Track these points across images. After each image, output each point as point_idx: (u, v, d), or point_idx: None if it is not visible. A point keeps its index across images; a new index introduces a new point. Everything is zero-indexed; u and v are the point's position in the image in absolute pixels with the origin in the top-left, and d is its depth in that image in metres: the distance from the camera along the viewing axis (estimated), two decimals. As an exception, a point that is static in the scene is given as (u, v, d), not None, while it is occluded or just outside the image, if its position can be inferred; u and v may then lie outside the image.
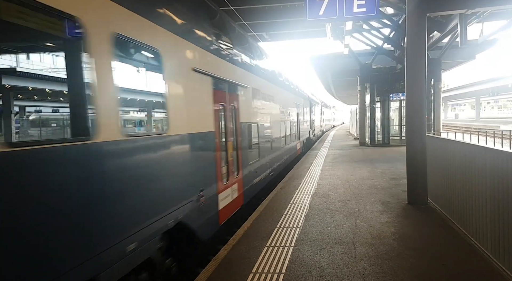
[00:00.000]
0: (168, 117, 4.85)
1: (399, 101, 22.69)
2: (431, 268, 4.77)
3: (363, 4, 7.58)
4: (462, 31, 13.57)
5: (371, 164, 14.69)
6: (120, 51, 3.95)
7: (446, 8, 8.61)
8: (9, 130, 5.63)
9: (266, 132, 11.30)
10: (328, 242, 5.87)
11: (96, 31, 3.46)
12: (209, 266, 5.17)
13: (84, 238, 3.22)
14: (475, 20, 15.16)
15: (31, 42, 3.88)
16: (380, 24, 20.06)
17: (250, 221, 7.21)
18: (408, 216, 7.18)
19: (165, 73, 4.84)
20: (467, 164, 5.66)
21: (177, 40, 5.27)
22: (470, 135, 16.69)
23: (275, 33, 25.51)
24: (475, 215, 5.45)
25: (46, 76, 7.16)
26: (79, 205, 3.18)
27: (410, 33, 8.11)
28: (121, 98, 3.85)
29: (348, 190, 9.76)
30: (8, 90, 6.41)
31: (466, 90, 68.74)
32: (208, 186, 6.17)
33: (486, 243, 5.08)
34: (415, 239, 5.87)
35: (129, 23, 4.05)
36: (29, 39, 3.59)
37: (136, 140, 4.11)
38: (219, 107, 6.94)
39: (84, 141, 3.28)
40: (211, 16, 7.16)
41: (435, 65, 20.73)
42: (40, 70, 6.88)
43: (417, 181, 8.06)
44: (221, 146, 6.96)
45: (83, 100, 3.39)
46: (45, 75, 7.16)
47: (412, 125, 8.19)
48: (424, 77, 8.08)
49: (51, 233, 2.88)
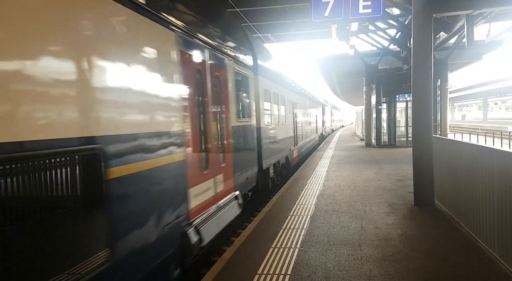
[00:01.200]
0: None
1: (406, 102, 22.57)
2: (437, 270, 4.75)
3: (368, 5, 7.58)
4: (468, 32, 13.50)
5: (377, 165, 14.63)
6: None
7: (452, 9, 8.57)
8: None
9: (306, 126, 20.50)
10: (334, 243, 5.85)
11: None
12: (215, 267, 5.18)
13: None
14: (482, 21, 15.06)
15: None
16: (386, 24, 20.00)
17: (256, 222, 7.22)
18: (414, 218, 7.14)
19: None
20: (474, 166, 5.63)
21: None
22: (477, 136, 16.60)
23: (281, 34, 25.53)
24: (482, 216, 5.41)
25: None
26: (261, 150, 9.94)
27: (416, 34, 8.08)
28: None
29: (354, 191, 9.73)
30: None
31: (473, 90, 68.25)
32: (291, 145, 14.66)
33: (493, 244, 5.04)
34: (421, 241, 5.83)
35: None
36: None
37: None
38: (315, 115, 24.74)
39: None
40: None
41: (442, 65, 20.61)
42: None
43: (423, 182, 8.02)
44: (295, 130, 16.00)
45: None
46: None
47: (418, 126, 8.15)
48: (431, 78, 8.04)
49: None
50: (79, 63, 3.01)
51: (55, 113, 2.73)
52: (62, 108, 2.79)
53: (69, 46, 2.92)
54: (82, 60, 3.04)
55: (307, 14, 18.78)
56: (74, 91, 2.94)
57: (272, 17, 20.86)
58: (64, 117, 2.80)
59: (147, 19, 4.19)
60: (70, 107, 2.88)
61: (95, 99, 3.15)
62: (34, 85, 2.56)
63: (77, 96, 2.94)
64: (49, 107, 2.66)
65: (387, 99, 22.98)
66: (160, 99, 4.32)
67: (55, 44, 2.78)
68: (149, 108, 4.06)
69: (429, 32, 7.99)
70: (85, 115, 3.03)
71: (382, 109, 23.16)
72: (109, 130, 3.32)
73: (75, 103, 2.93)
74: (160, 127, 4.30)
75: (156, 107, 4.22)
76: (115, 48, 3.53)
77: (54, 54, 2.77)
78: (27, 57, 2.52)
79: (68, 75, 2.89)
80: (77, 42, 3.00)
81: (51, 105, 2.69)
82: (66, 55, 2.88)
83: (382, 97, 22.95)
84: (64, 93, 2.82)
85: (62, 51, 2.84)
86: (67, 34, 2.91)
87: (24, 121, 2.46)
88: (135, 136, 3.74)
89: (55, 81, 2.74)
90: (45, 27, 2.70)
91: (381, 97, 22.93)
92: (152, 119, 4.12)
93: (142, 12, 4.07)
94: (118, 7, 3.64)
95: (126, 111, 3.63)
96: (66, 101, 2.84)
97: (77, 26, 3.03)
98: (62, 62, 2.84)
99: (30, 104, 2.52)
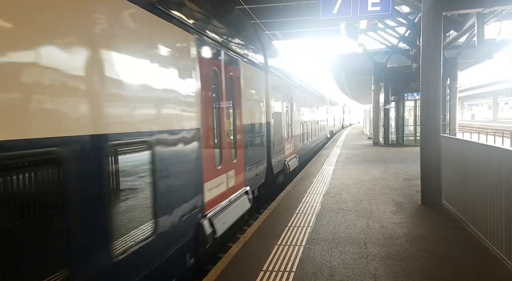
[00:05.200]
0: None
1: (414, 101, 22.41)
2: (443, 270, 4.72)
3: (377, 2, 7.50)
4: (479, 30, 13.32)
5: (385, 164, 14.56)
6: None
7: (463, 7, 8.48)
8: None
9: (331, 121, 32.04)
10: (339, 241, 5.85)
11: None
12: (220, 263, 5.22)
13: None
14: (493, 19, 14.86)
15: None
16: (395, 22, 19.81)
17: (262, 219, 7.24)
18: (421, 217, 7.10)
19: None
20: (482, 165, 5.58)
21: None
22: (486, 135, 16.41)
23: (289, 31, 25.41)
24: (489, 216, 5.37)
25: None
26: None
27: (425, 32, 8.01)
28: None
29: (360, 190, 9.70)
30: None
31: (483, 90, 67.37)
32: (318, 135, 22.87)
33: (500, 245, 4.99)
34: (428, 240, 5.80)
35: None
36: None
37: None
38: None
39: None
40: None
41: (452, 64, 20.41)
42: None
43: (431, 181, 7.96)
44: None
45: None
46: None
47: (427, 125, 8.09)
48: (440, 77, 7.97)
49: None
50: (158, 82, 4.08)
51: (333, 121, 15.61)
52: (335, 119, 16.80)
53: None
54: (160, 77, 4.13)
55: (315, 12, 18.66)
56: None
57: (280, 14, 20.78)
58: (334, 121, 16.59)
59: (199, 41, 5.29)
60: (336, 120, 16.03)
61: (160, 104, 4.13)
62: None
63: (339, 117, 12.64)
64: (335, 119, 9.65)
65: (395, 98, 22.83)
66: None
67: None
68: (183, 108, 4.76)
69: (438, 31, 7.92)
70: (336, 121, 10.76)
71: (390, 107, 23.02)
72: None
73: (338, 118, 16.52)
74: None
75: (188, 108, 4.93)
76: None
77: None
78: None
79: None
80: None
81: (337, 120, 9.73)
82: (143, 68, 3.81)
83: (391, 96, 22.81)
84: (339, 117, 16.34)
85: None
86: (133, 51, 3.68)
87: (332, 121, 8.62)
88: (171, 132, 4.39)
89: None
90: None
91: (389, 95, 22.79)
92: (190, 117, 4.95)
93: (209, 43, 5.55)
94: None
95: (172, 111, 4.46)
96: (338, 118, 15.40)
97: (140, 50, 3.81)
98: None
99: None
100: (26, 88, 2.40)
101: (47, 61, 2.54)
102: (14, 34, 2.34)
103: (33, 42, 2.48)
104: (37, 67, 2.48)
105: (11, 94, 2.31)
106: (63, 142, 2.65)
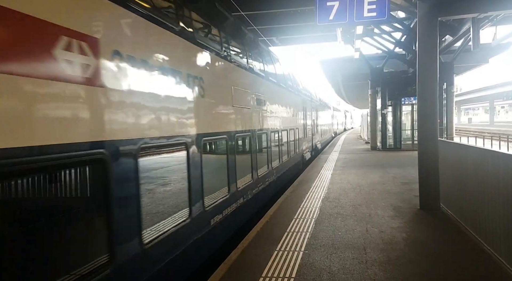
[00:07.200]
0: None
1: (411, 105, 22.50)
2: (443, 274, 4.72)
3: (373, 8, 7.56)
4: (474, 35, 13.42)
5: (383, 168, 14.58)
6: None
7: (458, 12, 8.55)
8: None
9: (335, 125, 44.80)
10: (338, 247, 5.84)
11: None
12: (219, 269, 5.20)
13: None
14: (488, 24, 14.98)
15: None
16: (391, 28, 19.95)
17: (261, 225, 7.22)
18: (420, 222, 7.11)
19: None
20: (480, 169, 5.60)
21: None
22: (483, 139, 16.47)
23: (286, 37, 25.55)
24: (488, 220, 5.38)
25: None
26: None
27: (421, 37, 8.08)
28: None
29: (359, 194, 9.70)
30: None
31: (480, 94, 67.76)
32: (333, 132, 41.16)
33: (499, 249, 5.00)
34: (427, 245, 5.81)
35: None
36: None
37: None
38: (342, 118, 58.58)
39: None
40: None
41: (448, 69, 20.53)
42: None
43: (429, 186, 7.98)
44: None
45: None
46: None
47: (424, 129, 8.13)
48: (436, 81, 8.03)
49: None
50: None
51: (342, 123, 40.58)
52: (342, 123, 49.91)
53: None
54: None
55: (312, 18, 18.80)
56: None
57: (277, 20, 20.90)
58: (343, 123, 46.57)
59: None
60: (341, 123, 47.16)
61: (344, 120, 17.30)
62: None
63: (343, 121, 23.04)
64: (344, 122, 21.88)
65: (392, 102, 22.90)
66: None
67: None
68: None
69: (434, 36, 7.99)
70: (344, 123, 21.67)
71: (387, 112, 23.10)
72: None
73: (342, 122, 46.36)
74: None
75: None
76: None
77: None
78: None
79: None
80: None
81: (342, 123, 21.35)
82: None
83: (388, 100, 22.87)
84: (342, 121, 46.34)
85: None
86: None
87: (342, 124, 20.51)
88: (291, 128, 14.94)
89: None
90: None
91: (386, 100, 22.85)
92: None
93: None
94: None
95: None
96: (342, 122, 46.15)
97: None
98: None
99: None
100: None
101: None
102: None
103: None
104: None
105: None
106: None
